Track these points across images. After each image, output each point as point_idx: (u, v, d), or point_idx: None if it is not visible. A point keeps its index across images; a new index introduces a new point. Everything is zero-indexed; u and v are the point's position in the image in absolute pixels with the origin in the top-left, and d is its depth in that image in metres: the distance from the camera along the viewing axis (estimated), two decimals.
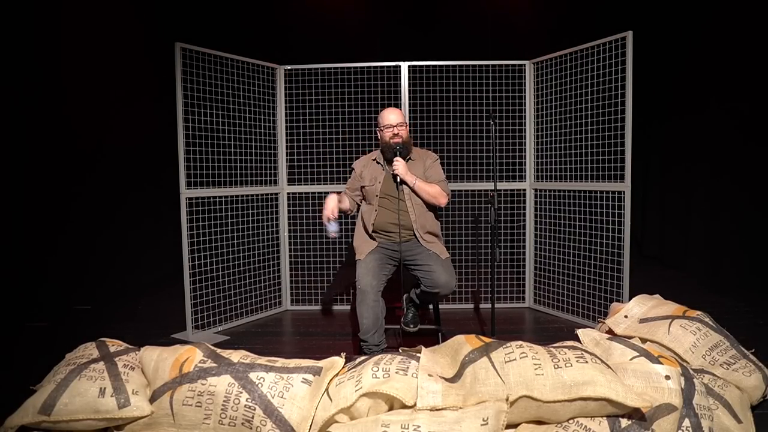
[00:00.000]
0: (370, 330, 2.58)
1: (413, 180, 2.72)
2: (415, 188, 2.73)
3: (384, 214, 2.78)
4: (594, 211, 3.44)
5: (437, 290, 2.66)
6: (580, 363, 1.70)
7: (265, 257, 3.84)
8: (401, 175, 2.69)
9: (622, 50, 3.14)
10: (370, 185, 2.83)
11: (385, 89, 3.83)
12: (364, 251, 2.77)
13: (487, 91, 3.83)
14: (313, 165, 3.97)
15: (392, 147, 2.73)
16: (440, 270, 2.65)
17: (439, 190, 2.77)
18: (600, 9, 5.15)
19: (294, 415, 1.71)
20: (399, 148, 2.72)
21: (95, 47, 4.31)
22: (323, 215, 2.65)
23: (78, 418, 1.72)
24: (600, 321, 2.71)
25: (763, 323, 3.35)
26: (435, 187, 2.76)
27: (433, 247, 2.76)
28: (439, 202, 2.76)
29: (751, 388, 2.07)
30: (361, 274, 2.65)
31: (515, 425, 1.75)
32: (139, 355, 1.95)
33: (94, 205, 4.31)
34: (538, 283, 3.94)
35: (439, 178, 2.83)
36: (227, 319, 3.61)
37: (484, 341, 1.89)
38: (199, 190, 3.38)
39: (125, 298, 4.35)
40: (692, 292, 4.20)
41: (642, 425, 1.62)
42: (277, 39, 5.43)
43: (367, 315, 2.57)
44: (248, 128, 3.67)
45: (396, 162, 2.69)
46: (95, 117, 4.32)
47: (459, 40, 5.33)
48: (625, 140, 3.18)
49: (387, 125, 2.77)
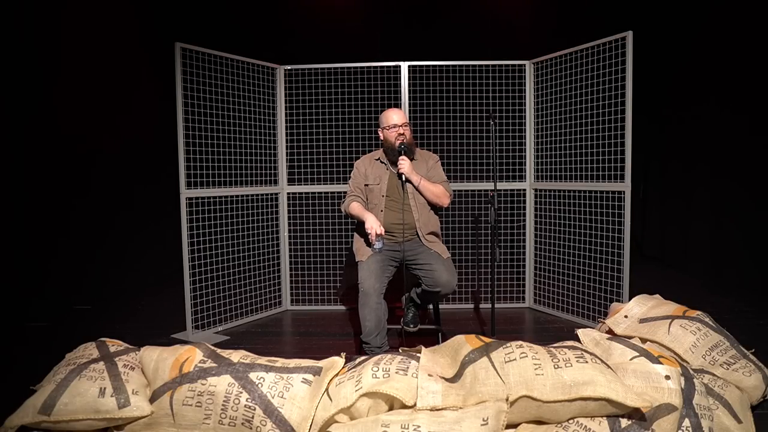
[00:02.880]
0: (373, 332, 2.58)
1: (418, 179, 2.73)
2: (419, 187, 2.74)
3: (389, 215, 2.78)
4: (594, 211, 3.44)
5: (438, 289, 2.66)
6: (580, 363, 1.70)
7: (265, 257, 3.84)
8: (407, 173, 2.70)
9: (622, 50, 3.14)
10: (375, 184, 2.83)
11: (385, 89, 3.83)
12: (365, 253, 2.76)
13: (487, 91, 3.83)
14: (313, 165, 3.97)
15: (397, 147, 2.74)
16: (442, 269, 2.66)
17: (443, 189, 2.79)
18: (600, 9, 5.15)
19: (294, 415, 1.71)
20: (404, 147, 2.72)
21: (95, 47, 4.31)
22: (372, 235, 2.59)
23: (78, 418, 1.72)
24: (600, 321, 2.71)
25: (763, 323, 3.35)
26: (439, 187, 2.78)
27: (435, 246, 2.77)
28: (442, 201, 2.79)
29: (751, 388, 2.07)
30: (363, 277, 2.65)
31: (515, 425, 1.75)
32: (139, 355, 1.95)
33: (95, 205, 4.31)
34: (538, 283, 3.94)
35: (442, 178, 2.85)
36: (227, 319, 3.61)
37: (484, 341, 1.89)
38: (199, 190, 3.38)
39: (125, 298, 4.35)
40: (692, 292, 4.20)
41: (642, 425, 1.62)
42: (277, 39, 5.43)
43: (370, 317, 2.57)
44: (248, 128, 3.67)
45: (402, 161, 2.70)
46: (95, 117, 4.32)
47: (459, 40, 5.33)
48: (625, 140, 3.17)
49: (392, 125, 2.78)
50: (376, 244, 2.61)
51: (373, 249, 2.65)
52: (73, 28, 4.09)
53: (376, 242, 2.60)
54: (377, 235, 2.59)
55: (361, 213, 2.72)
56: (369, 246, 2.71)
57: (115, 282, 4.50)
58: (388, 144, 2.80)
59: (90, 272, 4.26)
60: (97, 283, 4.30)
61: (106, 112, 4.43)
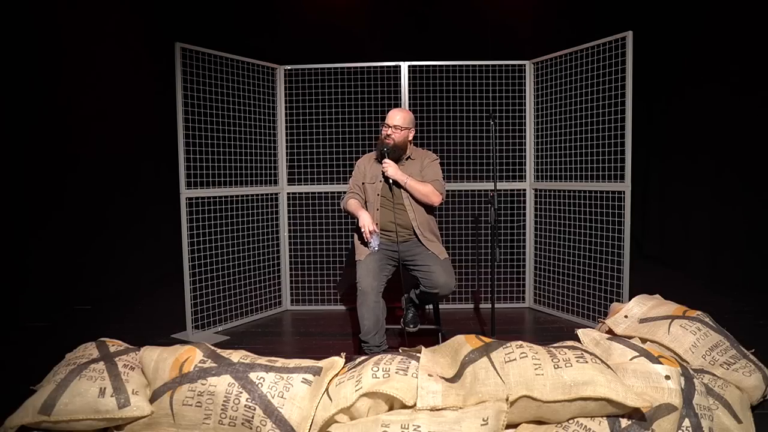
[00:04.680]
0: (371, 331, 2.58)
1: (404, 179, 2.72)
2: (406, 186, 2.73)
3: (385, 213, 2.79)
4: (594, 211, 3.44)
5: (436, 290, 2.66)
6: (580, 363, 1.70)
7: (265, 257, 3.84)
8: (391, 176, 2.71)
9: (622, 50, 3.14)
10: (370, 183, 2.84)
11: (385, 89, 3.83)
12: (363, 252, 2.77)
13: (487, 91, 3.83)
14: (313, 165, 3.97)
15: (381, 147, 2.75)
16: (439, 270, 2.65)
17: (432, 188, 2.74)
18: (600, 9, 5.15)
19: (294, 415, 1.71)
20: (386, 150, 2.73)
21: (96, 47, 4.31)
22: (366, 232, 2.61)
23: (78, 418, 1.72)
24: (600, 321, 2.71)
25: (763, 323, 3.35)
26: (427, 186, 2.74)
27: (433, 247, 2.76)
28: (431, 200, 2.74)
29: (751, 388, 2.07)
30: (361, 276, 2.65)
31: (515, 425, 1.75)
32: (139, 355, 1.95)
33: (95, 205, 4.31)
34: (538, 283, 3.94)
35: (435, 177, 2.80)
36: (227, 319, 3.61)
37: (484, 341, 1.89)
38: (199, 190, 3.38)
39: (125, 298, 4.35)
40: (692, 292, 4.19)
41: (642, 425, 1.62)
42: (277, 39, 5.43)
43: (368, 316, 2.57)
44: (248, 128, 3.67)
45: (385, 163, 2.72)
46: (95, 117, 4.32)
47: (459, 40, 5.33)
48: (625, 140, 3.17)
49: (386, 124, 2.78)
50: (373, 243, 2.61)
51: (370, 248, 2.65)
52: (74, 28, 4.09)
53: (373, 240, 2.61)
54: (370, 232, 2.60)
55: (355, 210, 2.74)
56: (366, 245, 2.72)
57: (115, 282, 4.50)
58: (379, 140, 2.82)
59: (90, 272, 4.25)
60: (97, 283, 4.30)
61: (106, 112, 4.43)
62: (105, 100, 4.42)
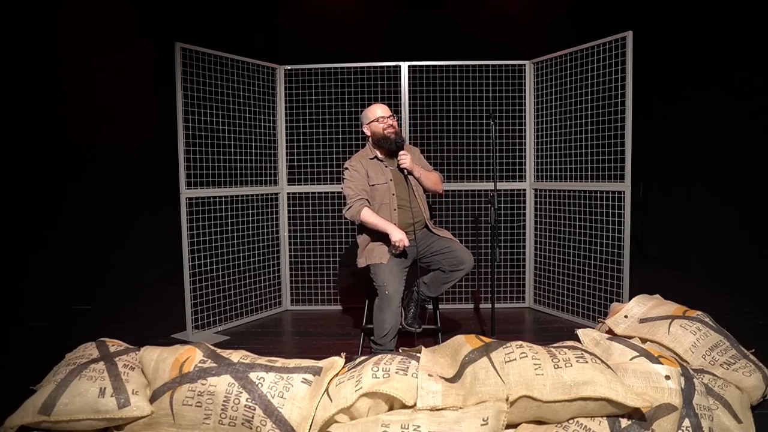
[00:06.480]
0: (390, 336, 2.53)
1: (420, 171, 2.73)
2: (422, 179, 2.74)
3: (402, 214, 2.72)
4: (594, 211, 3.44)
5: (463, 266, 2.62)
6: (580, 363, 1.70)
7: (265, 257, 3.84)
8: (409, 167, 2.67)
9: (622, 50, 3.14)
10: (381, 183, 2.72)
11: (385, 89, 3.83)
12: (383, 255, 2.65)
13: (487, 91, 3.83)
14: (313, 165, 3.97)
15: (392, 140, 2.68)
16: (460, 248, 2.67)
17: (438, 176, 2.84)
18: (600, 9, 5.15)
19: (294, 415, 1.71)
20: (399, 140, 2.69)
21: (96, 47, 4.31)
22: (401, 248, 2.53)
23: (78, 418, 1.72)
24: (600, 321, 2.71)
25: (763, 323, 3.35)
26: (435, 174, 2.82)
27: (441, 232, 2.79)
28: (439, 188, 2.83)
29: (751, 388, 2.07)
30: (387, 280, 2.55)
31: (515, 425, 1.75)
32: (139, 355, 1.95)
33: (95, 205, 4.31)
34: (538, 283, 3.94)
35: (428, 167, 2.89)
36: (227, 319, 3.61)
37: (484, 341, 1.89)
38: (199, 190, 3.38)
39: (125, 298, 4.36)
40: (692, 292, 4.20)
41: (642, 425, 1.62)
42: (277, 39, 5.43)
43: (390, 321, 2.50)
44: (248, 128, 3.67)
45: (402, 156, 2.67)
46: (95, 117, 4.32)
47: (459, 40, 5.33)
48: (625, 140, 3.17)
49: (380, 117, 2.71)
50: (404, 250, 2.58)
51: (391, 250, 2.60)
52: (74, 28, 4.09)
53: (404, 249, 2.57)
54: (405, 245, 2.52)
55: (381, 224, 2.58)
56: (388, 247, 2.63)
57: (115, 282, 4.50)
58: (377, 137, 2.72)
59: (90, 272, 4.25)
60: (97, 283, 4.30)
61: (106, 112, 4.43)
62: (105, 100, 4.42)
